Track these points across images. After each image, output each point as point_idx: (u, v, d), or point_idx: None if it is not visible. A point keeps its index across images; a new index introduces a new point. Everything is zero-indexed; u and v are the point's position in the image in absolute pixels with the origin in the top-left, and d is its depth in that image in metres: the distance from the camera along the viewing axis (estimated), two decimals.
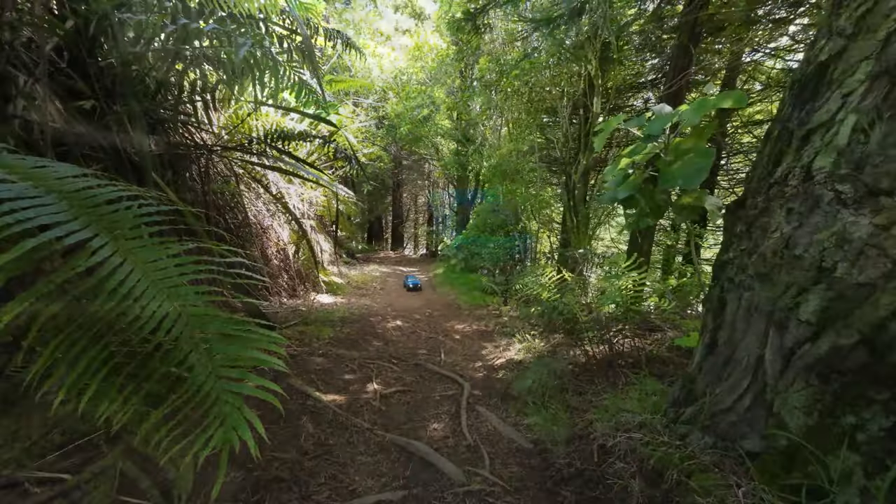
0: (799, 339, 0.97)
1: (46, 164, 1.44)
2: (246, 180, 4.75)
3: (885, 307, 0.85)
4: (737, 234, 1.22)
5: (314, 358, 3.03)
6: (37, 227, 1.13)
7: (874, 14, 0.92)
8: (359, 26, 11.81)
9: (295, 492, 1.41)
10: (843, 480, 0.88)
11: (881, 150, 0.87)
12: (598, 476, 1.39)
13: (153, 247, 1.34)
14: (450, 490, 1.51)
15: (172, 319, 1.22)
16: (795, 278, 0.98)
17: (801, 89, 1.09)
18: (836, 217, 0.92)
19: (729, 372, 1.16)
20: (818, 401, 0.93)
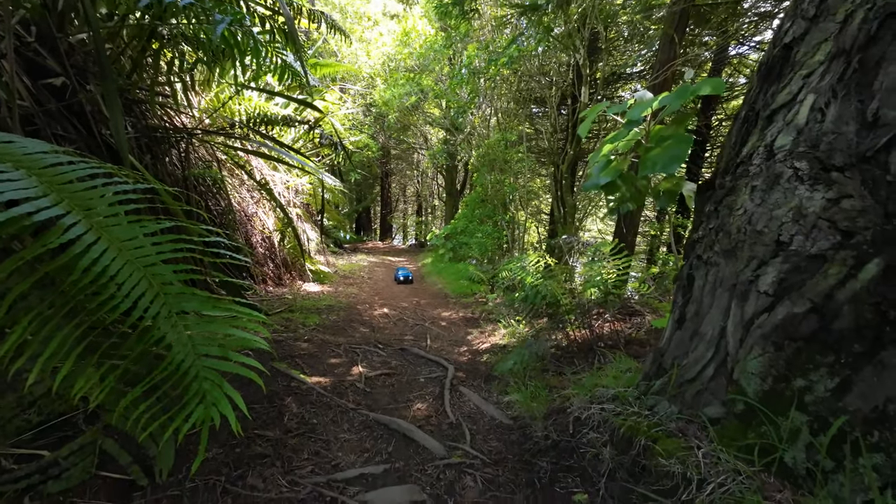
0: (758, 309, 1.03)
1: (14, 139, 1.40)
2: (229, 166, 4.65)
3: (834, 276, 0.90)
4: (706, 213, 1.27)
5: (299, 343, 3.03)
6: (3, 203, 1.11)
7: None
8: (345, 10, 11.53)
9: (278, 467, 1.44)
10: (792, 438, 0.95)
11: (835, 128, 0.91)
12: (573, 446, 1.45)
13: (129, 225, 1.32)
14: (431, 463, 1.56)
15: (150, 298, 1.21)
16: (756, 252, 1.03)
17: (767, 72, 1.13)
18: (795, 193, 0.97)
19: (695, 345, 1.22)
20: (772, 366, 0.99)
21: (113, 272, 1.18)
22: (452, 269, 8.12)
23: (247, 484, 1.32)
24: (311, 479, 1.40)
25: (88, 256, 1.16)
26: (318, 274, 6.34)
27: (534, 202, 12.41)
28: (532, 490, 1.37)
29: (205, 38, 2.53)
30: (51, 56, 2.47)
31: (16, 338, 1.10)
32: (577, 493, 1.28)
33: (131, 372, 1.27)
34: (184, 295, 1.27)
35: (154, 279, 1.25)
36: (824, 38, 0.96)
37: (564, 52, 7.34)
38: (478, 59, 7.28)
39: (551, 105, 8.69)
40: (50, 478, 1.17)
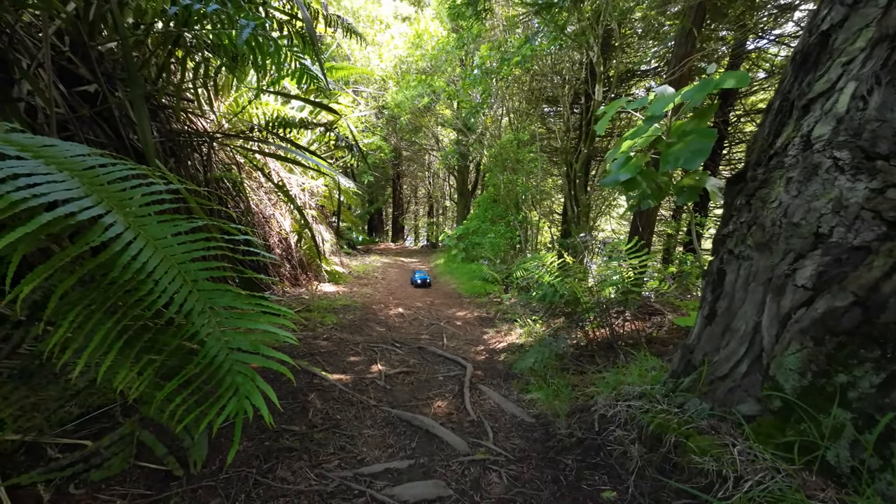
0: (795, 303, 1.00)
1: (56, 143, 1.46)
2: (247, 169, 4.75)
3: (879, 268, 0.87)
4: (737, 207, 1.24)
5: (319, 342, 3.08)
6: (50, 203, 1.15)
7: None
8: (357, 14, 11.67)
9: (305, 460, 1.46)
10: (834, 435, 0.92)
11: (879, 115, 0.89)
12: (599, 444, 1.44)
13: (162, 224, 1.36)
14: (455, 459, 1.56)
15: (184, 294, 1.25)
16: (793, 245, 1.01)
17: (802, 60, 1.10)
18: (834, 184, 0.94)
19: (727, 340, 1.20)
20: (812, 361, 0.96)
21: (150, 269, 1.22)
22: (465, 270, 8.13)
23: (277, 476, 1.35)
24: (338, 472, 1.42)
25: (127, 254, 1.20)
26: (334, 274, 6.42)
27: (546, 202, 12.31)
28: (558, 487, 1.36)
29: (228, 43, 2.60)
30: (83, 64, 2.58)
31: (62, 332, 1.14)
32: (605, 491, 1.26)
33: (167, 366, 1.31)
34: (216, 291, 1.30)
35: (188, 276, 1.29)
36: (865, 24, 0.93)
37: (578, 49, 7.28)
38: (490, 59, 7.27)
39: (564, 104, 8.63)
40: (92, 467, 1.22)
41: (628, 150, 2.36)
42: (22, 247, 1.09)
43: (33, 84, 2.10)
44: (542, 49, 6.39)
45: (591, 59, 7.11)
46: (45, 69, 2.10)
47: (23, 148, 1.34)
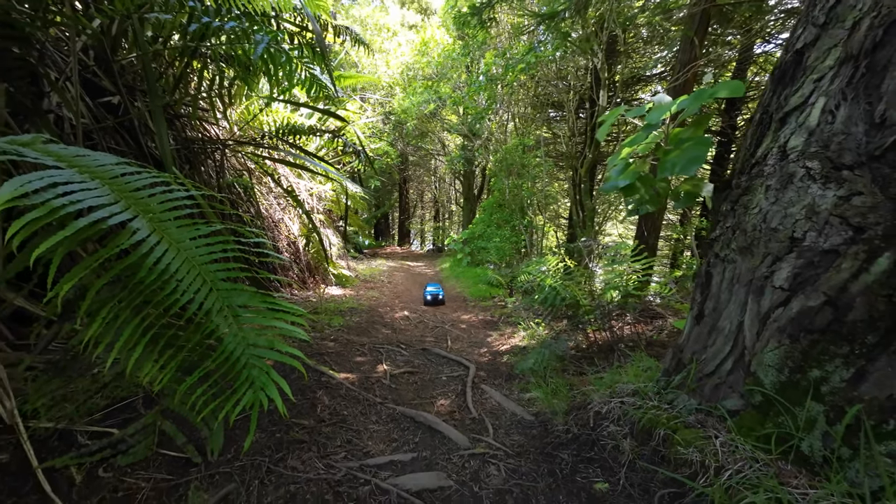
0: (774, 303, 1.07)
1: (87, 153, 1.57)
2: (258, 175, 4.89)
3: (847, 270, 0.94)
4: (723, 212, 1.31)
5: (326, 342, 3.17)
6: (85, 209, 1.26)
7: (843, 5, 1.00)
8: (365, 22, 11.90)
9: (314, 451, 1.55)
10: (808, 427, 0.98)
11: (845, 128, 0.95)
12: (593, 439, 1.50)
13: (183, 228, 1.47)
14: (456, 453, 1.64)
15: (204, 293, 1.35)
16: (771, 249, 1.07)
17: (781, 75, 1.17)
18: (808, 191, 1.01)
19: (713, 339, 1.26)
20: (788, 358, 1.03)
21: (173, 270, 1.32)
22: (470, 274, 8.20)
23: (288, 465, 1.44)
24: (345, 463, 1.50)
25: (153, 256, 1.30)
26: (341, 278, 6.54)
27: (552, 206, 12.36)
28: (554, 479, 1.42)
29: (243, 55, 2.73)
30: (106, 77, 2.73)
31: (95, 328, 1.25)
32: (597, 483, 1.33)
33: (188, 361, 1.41)
34: (233, 290, 1.40)
35: (207, 276, 1.39)
36: (834, 44, 1.01)
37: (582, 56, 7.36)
38: (495, 66, 7.39)
39: (569, 109, 8.70)
40: (119, 452, 1.32)
41: (627, 156, 2.44)
42: (61, 249, 1.20)
43: (62, 96, 2.24)
44: (546, 56, 6.48)
45: (596, 66, 7.19)
46: (73, 82, 2.24)
47: (59, 158, 1.46)
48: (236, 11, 2.71)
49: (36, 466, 1.16)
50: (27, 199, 1.14)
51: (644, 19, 7.35)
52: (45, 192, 1.19)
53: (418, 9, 12.12)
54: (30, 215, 1.11)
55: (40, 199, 1.16)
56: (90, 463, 1.26)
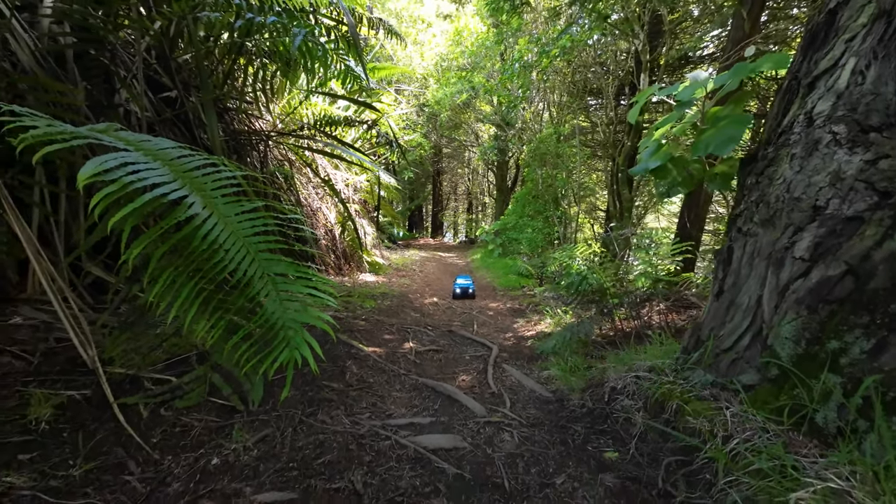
0: (793, 275, 1.04)
1: (150, 138, 1.78)
2: (298, 165, 5.18)
3: (871, 237, 0.90)
4: (748, 186, 1.27)
5: (357, 321, 3.35)
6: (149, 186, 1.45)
7: None
8: (400, 15, 12.03)
9: (342, 410, 1.69)
10: (823, 399, 0.96)
11: (874, 88, 0.90)
12: (607, 412, 1.52)
13: (230, 204, 1.63)
14: (472, 420, 1.72)
15: (247, 262, 1.50)
16: (793, 219, 1.04)
17: (811, 39, 1.11)
18: (833, 158, 0.97)
19: (732, 315, 1.24)
20: (806, 329, 1.00)
21: (221, 241, 1.49)
22: (501, 264, 8.19)
23: (318, 419, 1.58)
24: (369, 421, 1.63)
25: (204, 228, 1.47)
26: (374, 265, 6.78)
27: (589, 198, 11.98)
28: (565, 447, 1.46)
29: (283, 49, 2.91)
30: (165, 74, 3.02)
31: (157, 289, 1.44)
32: (607, 452, 1.36)
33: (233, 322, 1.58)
34: (272, 260, 1.55)
35: (250, 247, 1.55)
36: (868, 1, 0.95)
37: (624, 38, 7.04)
38: (529, 52, 7.24)
39: (607, 95, 8.37)
40: (176, 397, 1.52)
41: (661, 137, 2.36)
42: (131, 220, 1.39)
43: (129, 92, 2.52)
44: (581, 39, 6.26)
45: (637, 48, 6.86)
46: (138, 80, 2.51)
47: (128, 143, 1.67)
48: (277, 8, 2.89)
49: (112, 402, 1.37)
50: (104, 176, 1.33)
51: None
52: (117, 170, 1.38)
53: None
54: (106, 189, 1.29)
55: (114, 175, 1.34)
56: (154, 403, 1.47)
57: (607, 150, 8.77)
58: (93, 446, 1.21)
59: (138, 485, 1.10)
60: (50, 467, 1.08)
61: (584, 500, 1.18)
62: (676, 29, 7.73)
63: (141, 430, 1.33)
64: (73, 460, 1.13)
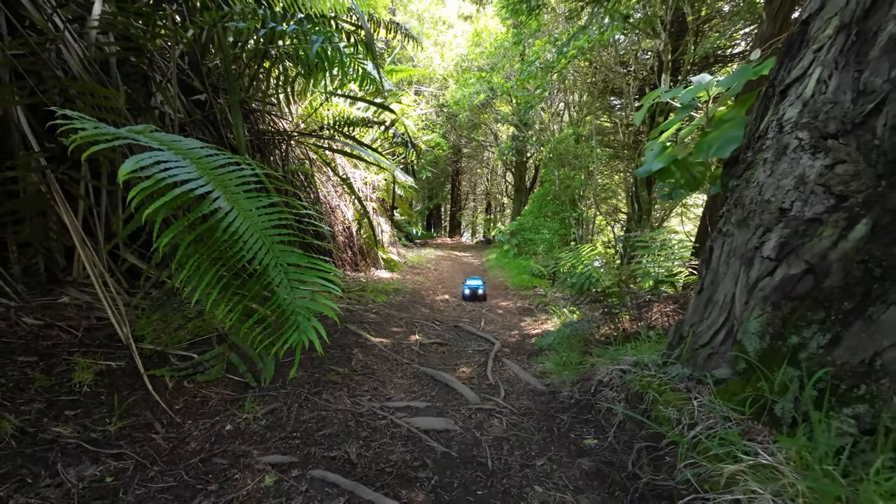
0: (761, 273, 1.09)
1: (180, 139, 1.97)
2: (318, 164, 5.40)
3: (828, 238, 0.94)
4: (730, 188, 1.32)
5: (368, 314, 3.50)
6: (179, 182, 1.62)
7: None
8: (422, 17, 12.20)
9: (345, 391, 1.82)
10: (782, 391, 1.01)
11: (833, 97, 0.95)
12: (592, 403, 1.59)
13: (250, 199, 1.79)
14: (466, 406, 1.82)
15: (263, 252, 1.66)
16: (763, 220, 1.09)
17: (787, 48, 1.15)
18: (799, 162, 1.02)
19: (709, 311, 1.29)
20: (770, 324, 1.05)
21: (241, 232, 1.64)
22: (515, 264, 8.22)
23: (322, 398, 1.73)
24: (369, 403, 1.76)
25: (226, 220, 1.63)
26: (389, 262, 6.96)
27: (611, 200, 11.81)
28: (550, 434, 1.55)
29: (303, 55, 3.09)
30: (196, 78, 3.25)
31: (185, 274, 1.61)
32: (587, 439, 1.43)
33: (249, 307, 1.74)
34: (285, 251, 1.70)
35: (266, 239, 1.70)
36: (835, 13, 0.99)
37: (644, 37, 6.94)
38: (547, 52, 7.23)
39: (628, 96, 8.27)
40: (198, 372, 1.70)
41: (666, 139, 2.40)
42: (163, 212, 1.56)
43: (164, 95, 2.75)
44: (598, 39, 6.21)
45: (658, 48, 6.75)
46: (172, 84, 2.74)
47: (161, 143, 1.86)
48: (300, 15, 3.07)
49: (142, 372, 1.56)
50: (140, 173, 1.51)
51: None
52: (152, 167, 1.56)
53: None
54: (142, 184, 1.47)
55: (149, 172, 1.52)
56: (178, 376, 1.64)
57: (627, 152, 8.65)
58: (126, 408, 1.39)
59: (162, 442, 1.26)
60: (91, 422, 1.26)
61: (559, 481, 1.26)
62: (704, 27, 7.54)
63: (166, 398, 1.51)
64: (109, 418, 1.30)
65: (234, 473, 1.16)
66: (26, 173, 2.07)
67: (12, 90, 2.05)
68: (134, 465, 1.12)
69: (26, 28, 2.14)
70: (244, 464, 1.22)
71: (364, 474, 1.26)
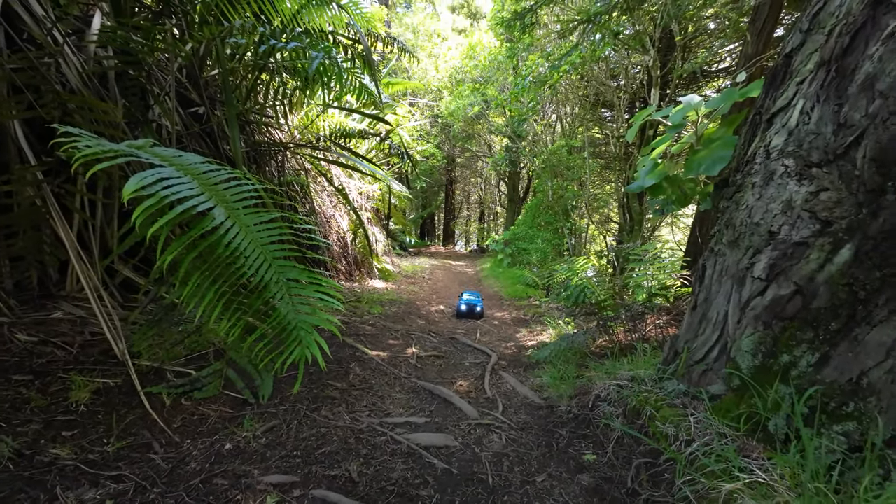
0: (752, 293, 1.13)
1: (181, 154, 1.98)
2: (313, 174, 5.41)
3: (815, 261, 0.99)
4: (720, 209, 1.37)
5: (364, 326, 3.49)
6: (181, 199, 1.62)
7: (824, 12, 1.04)
8: (417, 30, 12.39)
9: (343, 407, 1.82)
10: (774, 408, 1.04)
11: (816, 129, 1.00)
12: (590, 418, 1.62)
13: (251, 215, 1.80)
14: (464, 421, 1.83)
15: (265, 268, 1.66)
16: (753, 242, 1.14)
17: (772, 78, 1.22)
18: (786, 188, 1.07)
19: (703, 328, 1.33)
20: (762, 343, 1.09)
21: (242, 248, 1.65)
22: (509, 274, 8.27)
23: (321, 414, 1.72)
24: (368, 419, 1.76)
25: (228, 236, 1.63)
26: (384, 272, 6.95)
27: (603, 210, 11.99)
28: (549, 450, 1.56)
29: (302, 69, 3.13)
30: (193, 90, 3.27)
31: (188, 290, 1.60)
32: (586, 454, 1.45)
33: (249, 324, 1.74)
34: (287, 266, 1.70)
35: (267, 254, 1.71)
36: (815, 49, 1.05)
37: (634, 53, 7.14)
38: (540, 66, 7.40)
39: (618, 109, 8.46)
40: (195, 388, 1.68)
41: (657, 156, 2.47)
42: (166, 228, 1.57)
43: (162, 108, 2.75)
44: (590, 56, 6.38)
45: (648, 64, 6.95)
46: (170, 97, 2.75)
47: (162, 158, 1.87)
48: (298, 29, 3.11)
49: (139, 390, 1.54)
50: (143, 191, 1.51)
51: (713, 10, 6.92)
52: (154, 185, 1.56)
53: (468, 13, 12.39)
54: (145, 203, 1.47)
55: (152, 190, 1.53)
56: (175, 393, 1.63)
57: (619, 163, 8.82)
58: (123, 428, 1.37)
59: (162, 462, 1.25)
60: (88, 443, 1.24)
61: (560, 497, 1.28)
62: (691, 43, 7.78)
63: (164, 416, 1.49)
64: (107, 439, 1.29)
65: (235, 495, 1.16)
66: (22, 187, 2.05)
67: (10, 104, 2.05)
68: (134, 486, 1.11)
69: (25, 42, 2.14)
70: (245, 484, 1.21)
71: (366, 493, 1.26)
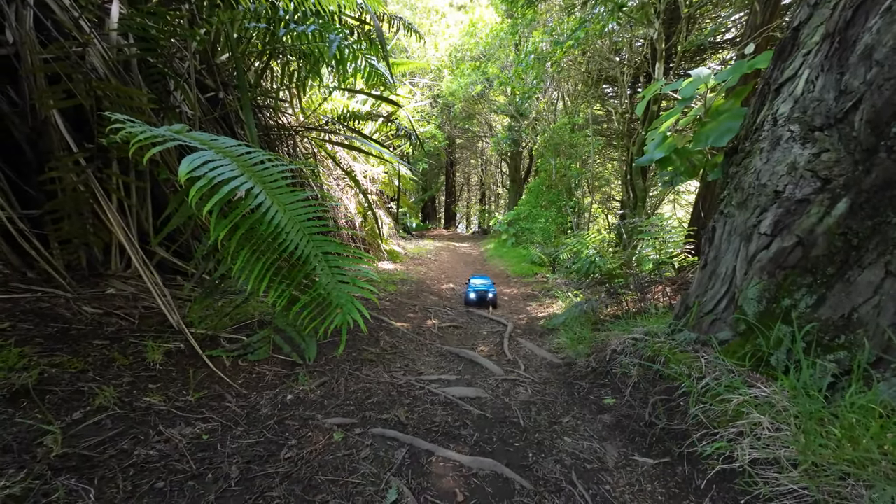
0: (758, 248, 1.27)
1: (217, 137, 2.09)
2: (321, 157, 5.48)
3: (815, 215, 1.12)
4: (730, 174, 1.50)
5: (383, 303, 3.66)
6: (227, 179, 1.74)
7: None
8: (414, 6, 12.12)
9: (381, 367, 2.00)
10: (776, 345, 1.20)
11: (819, 96, 1.12)
12: (608, 370, 1.79)
13: (287, 193, 1.93)
14: (491, 377, 2.01)
15: (304, 243, 1.80)
16: (760, 202, 1.27)
17: (780, 50, 1.32)
18: (791, 151, 1.19)
19: (713, 283, 1.48)
20: (766, 290, 1.24)
21: (283, 225, 1.78)
22: (514, 253, 8.42)
23: (363, 373, 1.90)
24: (404, 377, 1.94)
25: (269, 214, 1.76)
26: (392, 254, 7.10)
27: (604, 188, 12.04)
28: (571, 398, 1.74)
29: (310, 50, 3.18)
30: (209, 76, 3.33)
31: (239, 263, 1.74)
32: (606, 399, 1.62)
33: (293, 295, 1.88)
34: (324, 241, 1.84)
35: (305, 230, 1.84)
36: (821, 22, 1.15)
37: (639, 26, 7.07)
38: (543, 43, 7.33)
39: (622, 85, 8.41)
40: (248, 352, 1.85)
41: (666, 130, 2.57)
42: (216, 207, 1.69)
43: (186, 94, 2.84)
44: (597, 29, 6.32)
45: (652, 37, 6.89)
46: (190, 84, 2.83)
47: (202, 142, 1.98)
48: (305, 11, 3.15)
49: (201, 353, 1.71)
50: (194, 173, 1.63)
51: None
52: (202, 167, 1.69)
53: None
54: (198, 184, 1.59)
55: (202, 171, 1.65)
56: (232, 356, 1.80)
57: (622, 140, 8.83)
58: (196, 383, 1.54)
59: (238, 409, 1.42)
60: (172, 394, 1.41)
61: (585, 432, 1.46)
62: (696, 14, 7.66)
63: (228, 374, 1.66)
64: (186, 391, 1.46)
65: (306, 432, 1.33)
66: (66, 173, 2.17)
67: (49, 94, 2.15)
68: (221, 426, 1.28)
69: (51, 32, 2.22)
70: (313, 424, 1.38)
71: (415, 432, 1.44)
